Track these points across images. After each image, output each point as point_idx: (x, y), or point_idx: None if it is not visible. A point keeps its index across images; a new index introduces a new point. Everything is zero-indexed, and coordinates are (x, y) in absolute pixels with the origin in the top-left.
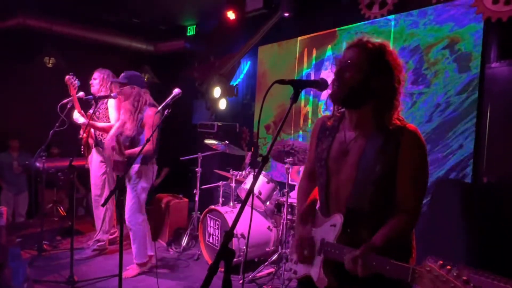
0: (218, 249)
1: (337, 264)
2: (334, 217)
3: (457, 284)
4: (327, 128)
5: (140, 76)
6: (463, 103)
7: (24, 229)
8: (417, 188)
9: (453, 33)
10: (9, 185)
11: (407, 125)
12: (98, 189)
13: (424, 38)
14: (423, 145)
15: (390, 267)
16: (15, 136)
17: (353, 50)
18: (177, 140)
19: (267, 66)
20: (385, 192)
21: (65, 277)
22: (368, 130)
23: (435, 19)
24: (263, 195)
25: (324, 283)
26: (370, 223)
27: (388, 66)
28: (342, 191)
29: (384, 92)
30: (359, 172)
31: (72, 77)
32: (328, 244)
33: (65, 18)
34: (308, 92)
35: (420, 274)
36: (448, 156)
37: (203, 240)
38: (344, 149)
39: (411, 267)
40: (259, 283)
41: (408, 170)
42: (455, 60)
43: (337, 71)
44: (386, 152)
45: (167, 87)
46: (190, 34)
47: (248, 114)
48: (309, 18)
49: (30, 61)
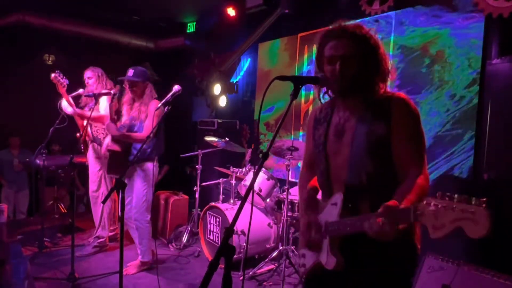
0: (219, 246)
1: (344, 241)
2: (334, 197)
3: (459, 203)
4: (321, 116)
5: (147, 71)
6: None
7: (25, 226)
8: (417, 151)
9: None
10: (9, 182)
11: (395, 94)
12: (94, 185)
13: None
14: (414, 110)
15: (391, 214)
16: (15, 133)
17: (342, 43)
18: (177, 137)
19: (267, 63)
20: (381, 163)
21: (66, 274)
22: (359, 108)
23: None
24: (263, 192)
25: (333, 263)
26: (369, 195)
27: (373, 45)
28: (340, 171)
29: (373, 71)
30: (353, 148)
31: (58, 75)
32: (331, 223)
33: (65, 16)
34: (308, 89)
35: (421, 210)
36: (448, 153)
37: (203, 237)
38: (340, 131)
39: (411, 207)
40: (259, 279)
41: (403, 134)
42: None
43: (339, 69)
44: (377, 122)
45: (167, 84)
46: (190, 31)
47: (248, 111)
48: (310, 14)
49: (30, 58)
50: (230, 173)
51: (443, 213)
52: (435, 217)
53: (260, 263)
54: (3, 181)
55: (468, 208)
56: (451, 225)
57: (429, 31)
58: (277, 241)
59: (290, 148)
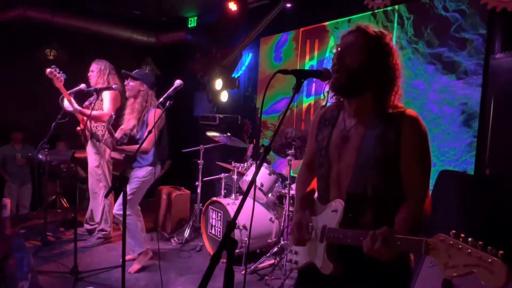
0: (221, 239)
1: (341, 249)
2: (334, 203)
3: (474, 249)
4: (326, 118)
5: (152, 77)
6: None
7: (28, 220)
8: (423, 172)
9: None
10: (12, 177)
11: (407, 111)
12: (94, 180)
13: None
14: (424, 131)
15: (402, 243)
16: (17, 129)
17: (352, 35)
18: (178, 133)
19: (268, 58)
20: (386, 177)
21: (69, 268)
22: (368, 116)
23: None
24: (265, 186)
25: (330, 268)
26: (372, 207)
27: (386, 51)
28: (343, 178)
29: (383, 78)
30: (360, 157)
31: (54, 70)
32: (331, 230)
33: (66, 10)
34: (309, 88)
35: (434, 245)
36: (450, 148)
37: (205, 231)
38: (345, 136)
39: (424, 239)
40: (261, 274)
41: (411, 154)
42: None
43: (337, 56)
44: (387, 137)
45: (169, 79)
46: (191, 25)
47: (250, 107)
48: (312, 9)
49: (31, 53)
50: (232, 168)
51: (458, 255)
52: (448, 256)
53: (262, 258)
54: (6, 176)
55: (486, 258)
56: (465, 269)
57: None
58: (278, 236)
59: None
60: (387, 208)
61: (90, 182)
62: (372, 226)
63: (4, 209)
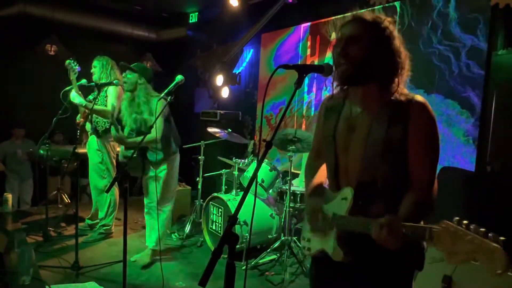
0: (222, 234)
1: (351, 236)
2: (344, 191)
3: (476, 236)
4: (332, 106)
5: (150, 71)
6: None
7: (29, 216)
8: (431, 159)
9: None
10: (13, 172)
11: (415, 97)
12: (97, 176)
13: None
14: (432, 117)
15: (407, 230)
16: (18, 124)
17: (351, 26)
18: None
19: (270, 54)
20: (395, 166)
21: (70, 263)
22: (374, 104)
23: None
24: (266, 182)
25: (340, 255)
26: (382, 195)
27: (386, 35)
28: (351, 168)
29: (387, 63)
30: (368, 148)
31: (73, 62)
32: (341, 217)
33: (67, 6)
34: (309, 88)
35: (437, 233)
36: (451, 145)
37: (206, 227)
38: (351, 125)
39: (427, 227)
40: (262, 269)
41: (419, 142)
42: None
43: (341, 49)
44: (394, 125)
45: (170, 75)
46: (192, 21)
47: (251, 103)
48: (313, 4)
49: (32, 49)
50: (232, 164)
51: (460, 241)
52: (452, 243)
53: (262, 253)
54: (7, 172)
55: (486, 245)
56: (467, 256)
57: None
58: (279, 232)
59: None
60: (397, 195)
61: (92, 178)
62: (382, 214)
63: (5, 204)
